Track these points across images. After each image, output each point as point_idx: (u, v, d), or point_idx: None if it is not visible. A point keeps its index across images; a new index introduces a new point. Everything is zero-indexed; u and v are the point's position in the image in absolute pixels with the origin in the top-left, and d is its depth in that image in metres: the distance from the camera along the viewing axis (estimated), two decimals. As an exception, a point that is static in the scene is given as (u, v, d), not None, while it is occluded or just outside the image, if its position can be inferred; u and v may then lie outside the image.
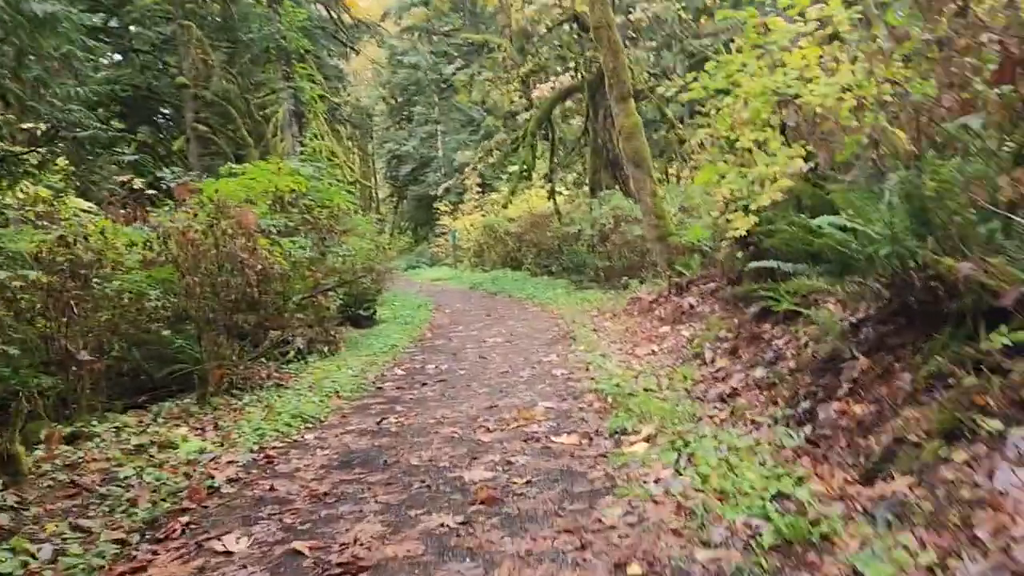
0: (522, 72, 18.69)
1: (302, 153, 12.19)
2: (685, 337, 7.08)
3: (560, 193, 21.51)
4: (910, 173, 3.52)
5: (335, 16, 36.10)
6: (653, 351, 7.05)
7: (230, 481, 4.21)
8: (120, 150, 18.64)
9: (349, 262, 12.84)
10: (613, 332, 8.86)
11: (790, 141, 5.20)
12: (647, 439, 4.18)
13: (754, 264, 4.45)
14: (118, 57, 21.70)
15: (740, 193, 5.36)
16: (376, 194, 54.17)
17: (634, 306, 10.41)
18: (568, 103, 22.96)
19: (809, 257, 4.30)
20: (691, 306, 7.89)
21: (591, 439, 4.49)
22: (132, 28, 21.96)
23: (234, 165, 9.34)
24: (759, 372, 4.80)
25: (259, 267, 7.35)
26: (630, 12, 20.64)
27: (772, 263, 4.36)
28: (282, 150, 22.05)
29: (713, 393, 4.84)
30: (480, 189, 29.73)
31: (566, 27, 19.76)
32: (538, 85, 21.84)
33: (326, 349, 9.01)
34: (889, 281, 3.85)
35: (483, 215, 26.81)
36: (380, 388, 6.93)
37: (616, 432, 4.47)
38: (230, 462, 4.60)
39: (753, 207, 5.14)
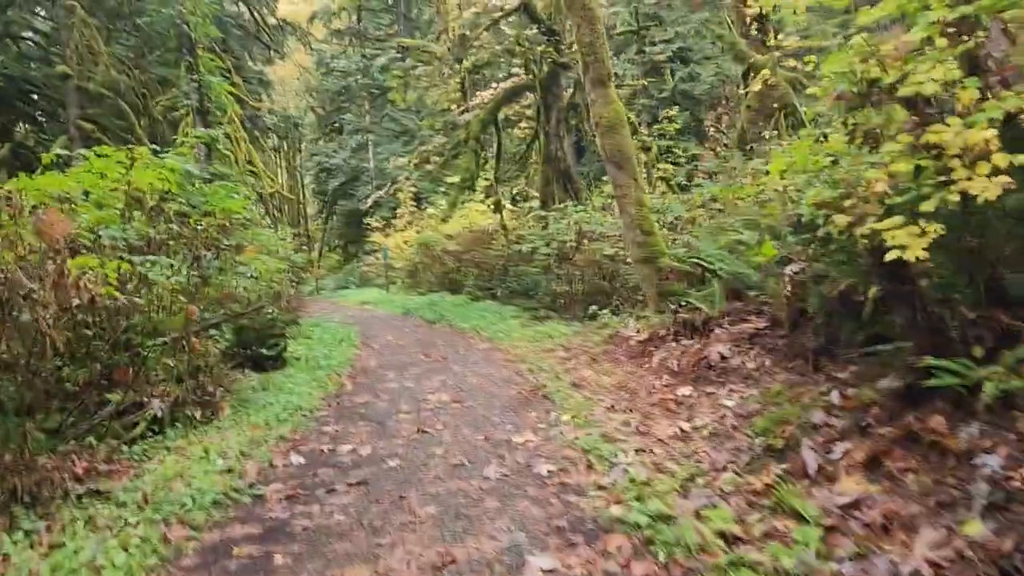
0: (464, 67, 16.30)
1: (180, 145, 9.33)
2: (730, 409, 4.72)
3: (504, 207, 19.20)
4: None
5: (257, 16, 33.35)
6: (682, 431, 4.66)
7: None
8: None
9: (250, 288, 10.21)
10: (602, 388, 6.46)
11: (991, 89, 2.91)
12: None
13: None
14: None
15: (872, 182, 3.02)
16: (305, 210, 51.16)
17: (618, 348, 8.05)
18: (512, 109, 20.74)
19: None
20: (722, 357, 5.55)
21: None
22: (8, 11, 18.82)
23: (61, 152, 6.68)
24: (976, 527, 2.44)
25: (72, 301, 4.72)
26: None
27: None
28: (188, 155, 19.15)
29: (886, 570, 2.46)
30: (415, 203, 27.19)
31: (514, 19, 17.49)
32: (478, 93, 19.55)
33: (199, 414, 6.35)
34: None
35: (418, 231, 24.25)
36: (259, 499, 4.33)
37: None
38: None
39: (928, 207, 2.81)
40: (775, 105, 12.60)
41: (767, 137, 12.01)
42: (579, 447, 4.66)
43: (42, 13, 19.37)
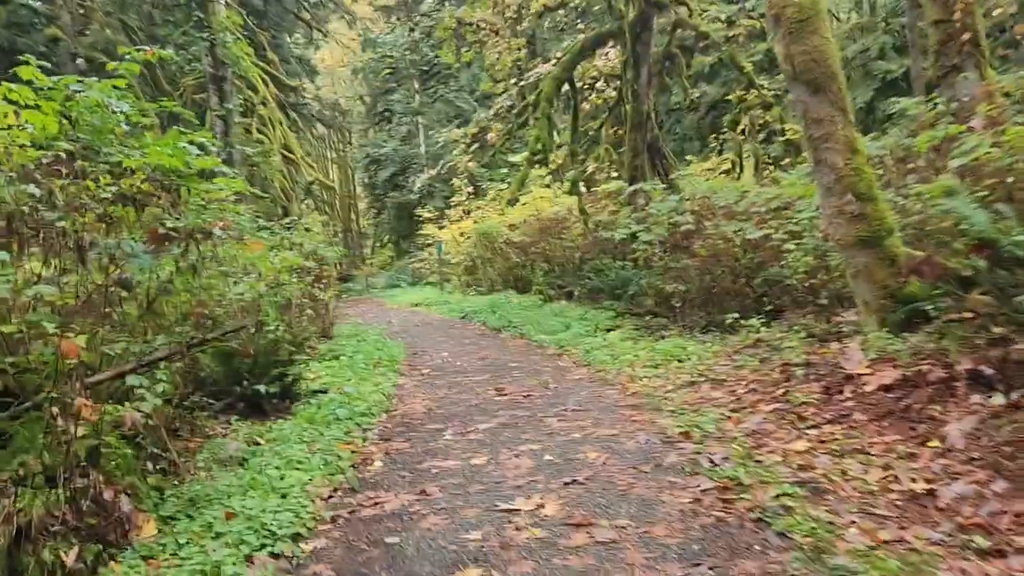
0: (533, 9, 12.98)
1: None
2: None
3: (582, 188, 15.85)
4: None
5: (298, -9, 30.78)
6: None
7: None
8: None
9: (246, 296, 7.18)
10: (882, 501, 3.12)
11: None
12: None
13: None
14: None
15: None
16: (355, 204, 48.82)
17: (833, 391, 4.68)
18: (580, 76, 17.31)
19: None
20: None
21: None
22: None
23: None
24: None
25: None
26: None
27: None
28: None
29: None
30: (471, 189, 24.06)
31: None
32: (538, 64, 16.26)
33: (70, 556, 3.22)
34: None
35: (476, 221, 21.08)
36: None
37: None
38: None
39: None
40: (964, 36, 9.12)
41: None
42: None
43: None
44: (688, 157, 21.96)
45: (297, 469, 4.42)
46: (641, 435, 4.67)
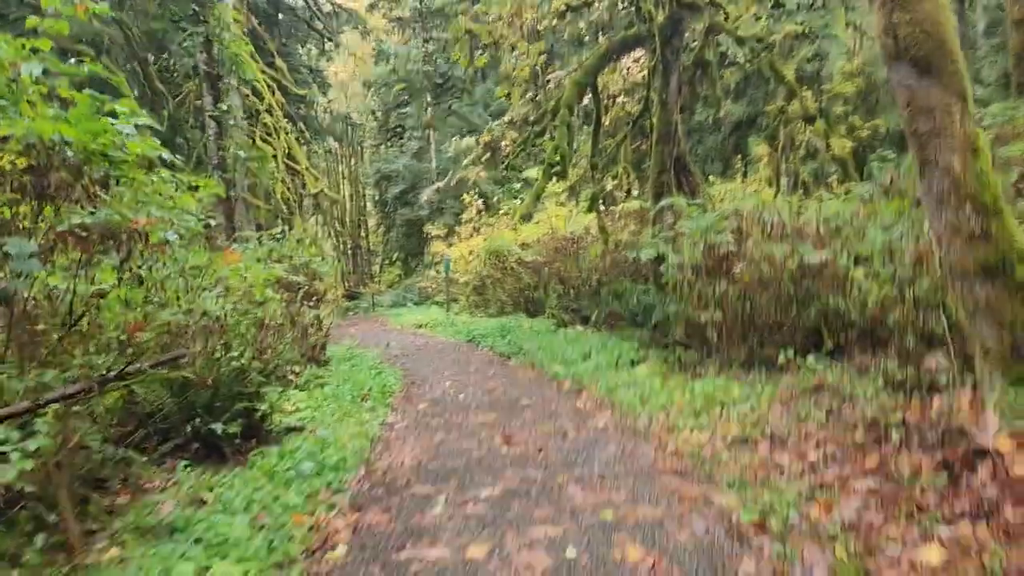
0: (555, 6, 11.88)
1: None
2: None
3: (602, 205, 14.69)
4: None
5: (310, 1, 29.96)
6: None
7: None
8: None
9: (210, 313, 6.08)
10: None
11: None
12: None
13: None
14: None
15: None
16: (365, 221, 47.98)
17: (958, 474, 3.47)
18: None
19: None
20: None
21: None
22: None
23: None
24: None
25: None
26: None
27: None
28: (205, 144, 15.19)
29: None
30: (482, 205, 22.97)
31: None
32: (552, 74, 15.19)
33: None
34: None
35: (486, 239, 19.96)
36: None
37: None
38: None
39: None
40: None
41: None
42: None
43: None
44: (711, 178, 20.85)
45: (229, 557, 3.24)
46: (697, 521, 3.47)
